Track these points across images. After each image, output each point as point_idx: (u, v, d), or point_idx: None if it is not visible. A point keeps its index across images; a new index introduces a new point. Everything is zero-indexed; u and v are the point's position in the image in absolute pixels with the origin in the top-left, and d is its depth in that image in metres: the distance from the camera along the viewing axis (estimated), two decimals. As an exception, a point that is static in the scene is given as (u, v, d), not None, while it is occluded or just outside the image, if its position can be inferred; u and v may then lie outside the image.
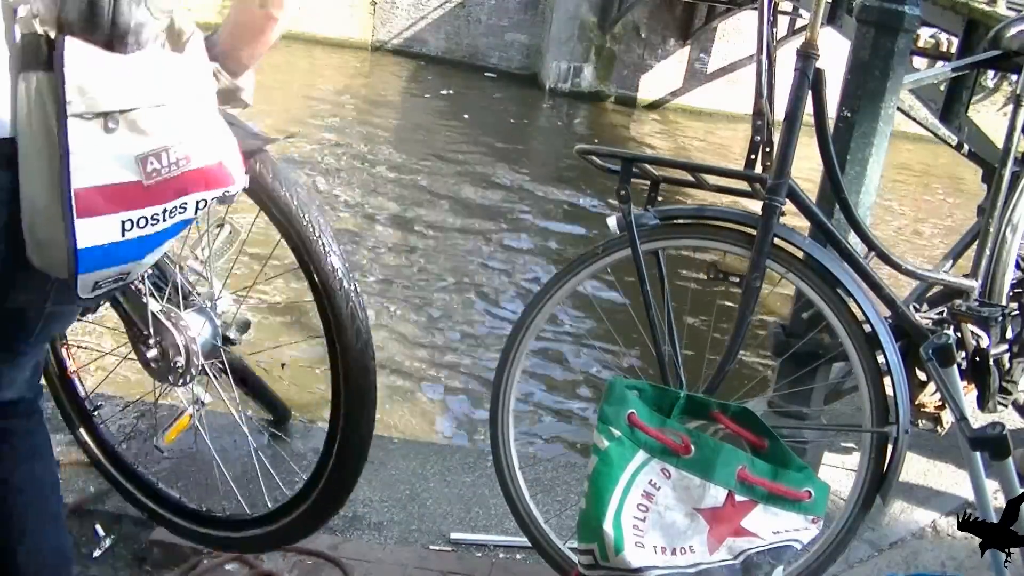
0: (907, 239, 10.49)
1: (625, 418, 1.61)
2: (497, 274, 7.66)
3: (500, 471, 2.01)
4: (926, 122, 2.91)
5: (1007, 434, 1.63)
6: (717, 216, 1.90)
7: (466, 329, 6.50)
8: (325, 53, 15.23)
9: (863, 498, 1.86)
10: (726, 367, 1.88)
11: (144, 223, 1.23)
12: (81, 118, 1.14)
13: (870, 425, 1.85)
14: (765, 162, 1.87)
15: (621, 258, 1.91)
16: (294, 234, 1.64)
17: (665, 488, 1.59)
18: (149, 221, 1.23)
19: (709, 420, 1.70)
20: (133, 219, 1.21)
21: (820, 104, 1.88)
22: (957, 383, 1.76)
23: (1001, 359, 2.32)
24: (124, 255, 1.24)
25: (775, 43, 1.90)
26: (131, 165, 1.20)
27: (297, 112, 11.98)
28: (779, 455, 1.64)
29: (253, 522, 1.91)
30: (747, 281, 1.85)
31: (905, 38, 2.13)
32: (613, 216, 1.88)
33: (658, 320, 1.88)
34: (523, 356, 1.99)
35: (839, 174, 2.02)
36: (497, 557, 2.15)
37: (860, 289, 1.88)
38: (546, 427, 5.21)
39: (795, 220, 1.95)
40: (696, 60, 15.72)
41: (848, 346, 1.85)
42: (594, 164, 1.90)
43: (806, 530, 1.60)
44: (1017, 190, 2.33)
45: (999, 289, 2.30)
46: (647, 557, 1.56)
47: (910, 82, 2.47)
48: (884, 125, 2.16)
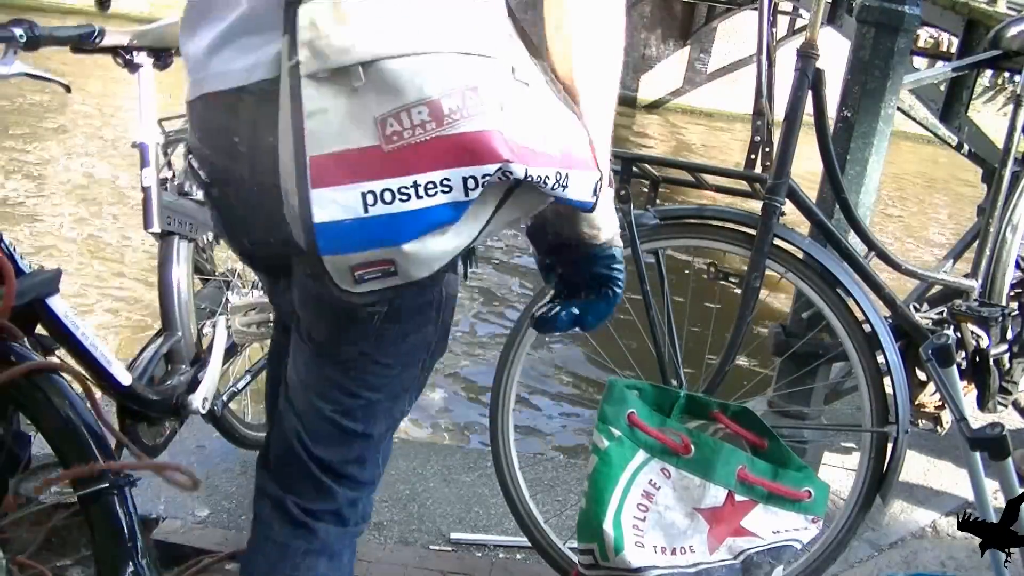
0: (906, 239, 10.49)
1: (625, 418, 1.61)
2: (496, 274, 7.66)
3: (500, 471, 2.01)
4: (926, 122, 2.91)
5: (1007, 434, 1.63)
6: (717, 216, 1.90)
7: (466, 329, 6.50)
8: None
9: (863, 498, 1.87)
10: (726, 367, 1.88)
11: (390, 197, 1.02)
12: (314, 78, 1.00)
13: (870, 425, 1.86)
14: (765, 162, 1.87)
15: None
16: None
17: (665, 488, 1.59)
18: (397, 196, 1.02)
19: (709, 420, 1.70)
20: (376, 191, 1.01)
21: (820, 104, 1.88)
22: (957, 383, 1.76)
23: (1001, 359, 2.32)
24: (371, 235, 1.03)
25: (775, 43, 1.90)
26: (369, 127, 1.01)
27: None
28: (779, 455, 1.64)
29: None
30: (747, 281, 1.85)
31: (905, 38, 2.13)
32: (613, 216, 1.88)
33: (658, 320, 1.88)
34: (523, 356, 1.99)
35: (839, 174, 2.03)
36: (497, 557, 2.15)
37: (860, 289, 1.88)
38: (546, 427, 5.21)
39: (795, 220, 1.95)
40: (696, 60, 15.72)
41: (848, 346, 1.86)
42: (594, 164, 1.90)
43: (806, 530, 1.60)
44: (1017, 190, 2.33)
45: (999, 289, 2.30)
46: (647, 557, 1.56)
47: (910, 82, 2.47)
48: (884, 125, 2.16)
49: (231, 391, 2.17)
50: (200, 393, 2.00)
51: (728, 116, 15.08)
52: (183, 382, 2.01)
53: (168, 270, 2.04)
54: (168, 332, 2.03)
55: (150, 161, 2.00)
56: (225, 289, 2.26)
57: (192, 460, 2.33)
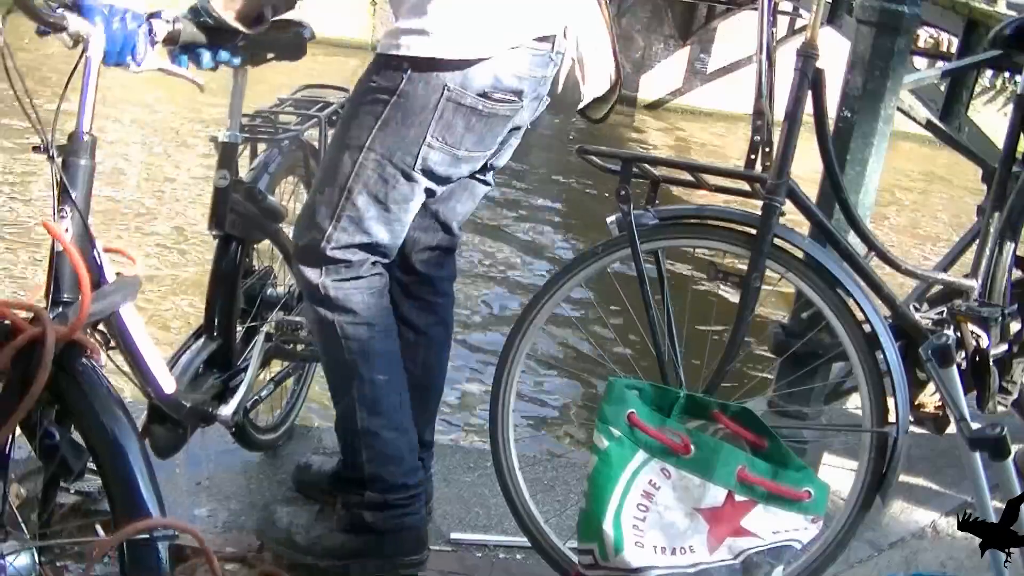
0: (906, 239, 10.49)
1: (625, 418, 1.61)
2: (496, 273, 7.65)
3: (500, 471, 2.01)
4: (926, 122, 2.91)
5: (1007, 434, 1.63)
6: (717, 216, 1.90)
7: (465, 329, 6.50)
8: (325, 53, 15.21)
9: (863, 498, 1.86)
10: (726, 367, 1.88)
11: None
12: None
13: (870, 425, 1.85)
14: (765, 162, 1.87)
15: (621, 258, 1.91)
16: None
17: (665, 488, 1.59)
18: None
19: (709, 420, 1.70)
20: None
21: (820, 104, 1.88)
22: (957, 383, 1.76)
23: (1001, 359, 2.32)
24: None
25: (775, 43, 1.90)
26: None
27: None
28: (779, 455, 1.64)
29: None
30: (747, 281, 1.85)
31: (905, 38, 2.13)
32: (613, 216, 1.88)
33: (658, 320, 1.88)
34: (523, 356, 1.99)
35: (839, 174, 2.03)
36: (497, 557, 2.15)
37: (860, 289, 1.88)
38: (546, 427, 5.21)
39: (795, 220, 1.95)
40: (696, 60, 15.71)
41: (848, 346, 1.85)
42: (594, 164, 1.91)
43: (806, 530, 1.60)
44: (1017, 190, 2.32)
45: (999, 289, 2.29)
46: (647, 557, 1.56)
47: (910, 82, 2.47)
48: (884, 125, 2.17)
49: (253, 399, 2.13)
50: (232, 405, 1.98)
51: (728, 116, 15.06)
52: (215, 389, 1.98)
53: (222, 273, 2.02)
54: (208, 335, 2.01)
55: (227, 162, 1.98)
56: (261, 288, 2.21)
57: (192, 460, 2.32)
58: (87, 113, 1.50)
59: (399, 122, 1.74)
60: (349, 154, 1.78)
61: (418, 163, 1.77)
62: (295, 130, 2.15)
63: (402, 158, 1.76)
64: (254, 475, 2.30)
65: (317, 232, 1.82)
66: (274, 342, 2.17)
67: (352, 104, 1.82)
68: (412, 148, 1.76)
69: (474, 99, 1.74)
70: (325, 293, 1.83)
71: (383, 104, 1.74)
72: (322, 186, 1.83)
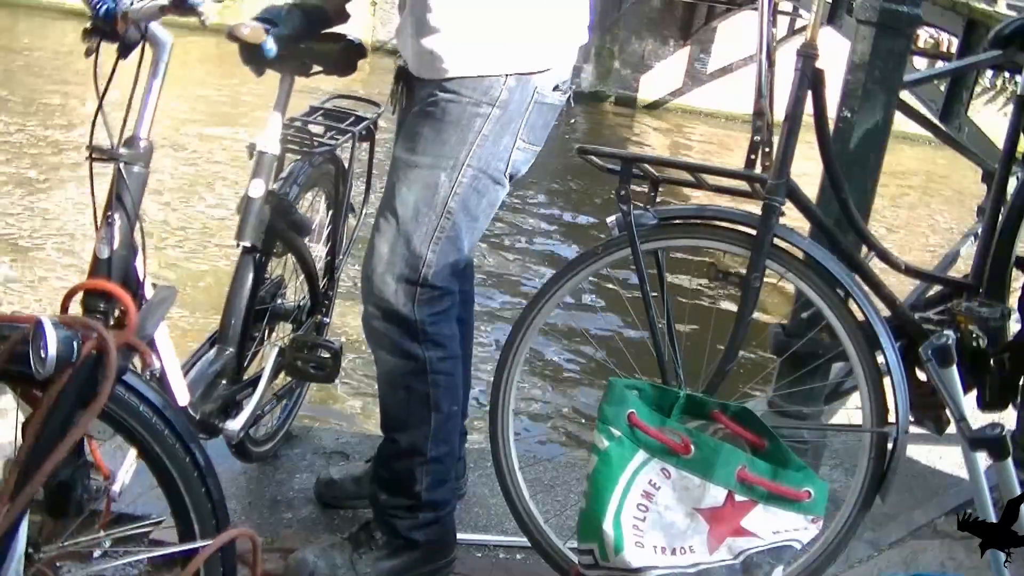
0: (906, 239, 10.49)
1: (625, 418, 1.61)
2: (496, 273, 7.65)
3: (500, 471, 2.01)
4: (926, 122, 2.91)
5: (1007, 434, 1.63)
6: (717, 216, 1.90)
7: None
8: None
9: (863, 498, 1.86)
10: (726, 367, 1.88)
11: None
12: None
13: (870, 425, 1.85)
14: (765, 162, 1.87)
15: (621, 258, 1.91)
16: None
17: (665, 488, 1.59)
18: None
19: (709, 420, 1.70)
20: None
21: (820, 104, 1.88)
22: (957, 383, 1.76)
23: (1001, 359, 2.32)
24: None
25: (775, 43, 1.90)
26: None
27: (296, 112, 11.97)
28: (779, 455, 1.64)
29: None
30: (747, 281, 1.85)
31: (905, 38, 2.13)
32: (613, 216, 1.88)
33: (658, 320, 1.88)
34: (523, 356, 1.99)
35: (839, 174, 2.02)
36: (497, 557, 2.15)
37: (860, 289, 1.88)
38: (546, 427, 5.21)
39: (795, 220, 1.95)
40: (696, 60, 15.73)
41: (848, 346, 1.85)
42: (594, 164, 1.91)
43: (806, 530, 1.60)
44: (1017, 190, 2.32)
45: (999, 289, 2.29)
46: (647, 557, 1.56)
47: (910, 82, 2.47)
48: (884, 125, 2.16)
49: (256, 415, 2.08)
50: (240, 420, 1.96)
51: (728, 116, 15.09)
52: (221, 402, 1.96)
53: (242, 284, 1.99)
54: (221, 346, 1.98)
55: (264, 172, 1.95)
56: (272, 299, 2.19)
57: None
58: (147, 117, 1.46)
59: (498, 132, 1.75)
60: (447, 175, 1.75)
61: (508, 168, 1.79)
62: (331, 144, 2.13)
63: (496, 166, 1.77)
64: (254, 475, 2.30)
65: (414, 259, 1.76)
66: (287, 358, 2.13)
67: (434, 127, 1.76)
68: (504, 154, 1.77)
69: (551, 95, 1.79)
70: (422, 328, 1.78)
71: (482, 118, 1.73)
72: (414, 213, 1.76)
